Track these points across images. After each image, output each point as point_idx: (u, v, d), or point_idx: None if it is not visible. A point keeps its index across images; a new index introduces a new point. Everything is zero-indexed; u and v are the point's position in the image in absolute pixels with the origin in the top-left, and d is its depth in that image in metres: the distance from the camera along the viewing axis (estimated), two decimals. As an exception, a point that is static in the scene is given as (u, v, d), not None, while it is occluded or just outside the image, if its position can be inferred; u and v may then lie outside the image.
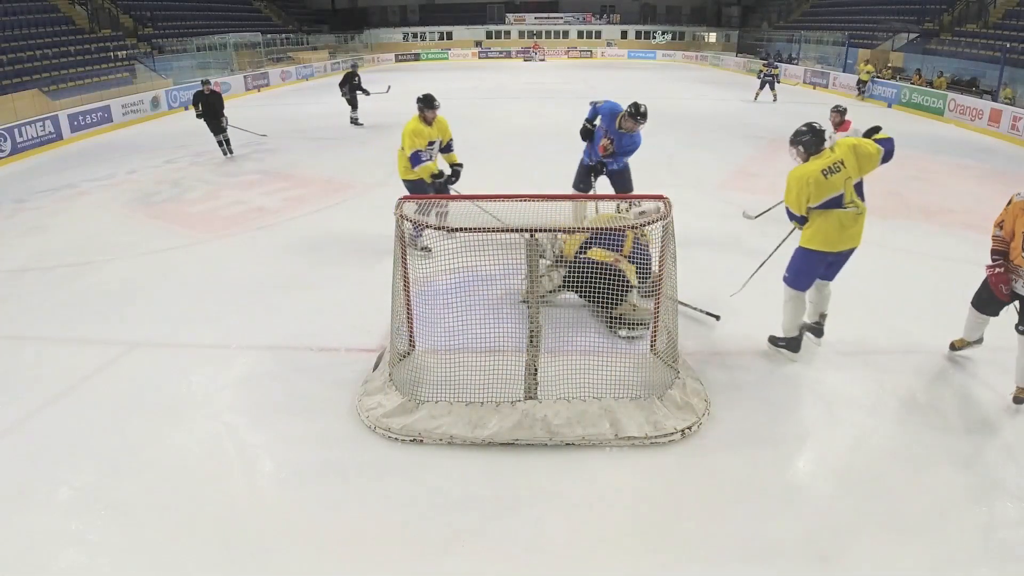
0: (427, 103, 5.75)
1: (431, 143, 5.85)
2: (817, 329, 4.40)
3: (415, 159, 5.72)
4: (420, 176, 5.81)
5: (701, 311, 4.73)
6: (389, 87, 14.37)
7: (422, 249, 4.71)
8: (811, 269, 4.15)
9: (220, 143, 10.87)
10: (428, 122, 5.81)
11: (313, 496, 3.16)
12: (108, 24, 20.42)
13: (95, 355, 4.48)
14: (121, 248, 6.66)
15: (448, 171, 6.00)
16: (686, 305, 4.78)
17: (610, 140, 5.74)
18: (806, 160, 4.03)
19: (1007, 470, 3.32)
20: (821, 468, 3.35)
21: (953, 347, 4.24)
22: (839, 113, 7.05)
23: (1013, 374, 3.86)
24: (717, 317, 4.72)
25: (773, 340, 4.44)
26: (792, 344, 4.34)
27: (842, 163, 3.94)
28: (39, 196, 8.91)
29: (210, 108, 10.52)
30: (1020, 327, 3.67)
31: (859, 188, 4.43)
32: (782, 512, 3.04)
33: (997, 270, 3.77)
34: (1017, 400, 3.77)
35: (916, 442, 3.53)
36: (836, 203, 3.95)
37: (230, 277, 5.87)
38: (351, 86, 13.95)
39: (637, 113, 5.60)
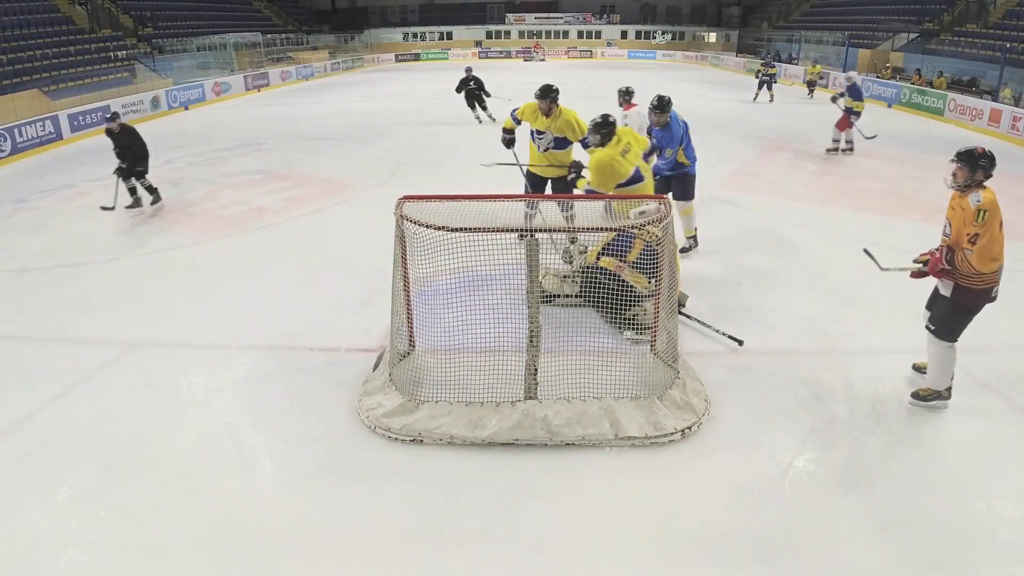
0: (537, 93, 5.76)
1: (539, 132, 5.84)
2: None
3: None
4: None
5: (724, 334, 4.60)
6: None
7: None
8: None
9: (144, 190, 7.79)
10: (543, 112, 5.77)
11: (313, 496, 3.16)
12: (108, 24, 20.42)
13: (95, 355, 4.48)
14: (121, 248, 6.67)
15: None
16: (707, 326, 4.70)
17: (653, 139, 6.01)
18: (602, 146, 4.88)
19: (1007, 470, 3.32)
20: (821, 468, 3.35)
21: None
22: (623, 94, 7.52)
23: (1002, 374, 3.91)
24: (740, 342, 4.48)
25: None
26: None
27: (630, 144, 4.93)
28: (39, 196, 8.91)
29: (129, 150, 7.57)
30: (928, 324, 3.68)
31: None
32: (782, 512, 3.04)
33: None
34: (915, 397, 3.77)
35: (916, 442, 3.53)
36: (637, 179, 4.88)
37: (230, 277, 5.87)
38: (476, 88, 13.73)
39: (657, 105, 5.77)
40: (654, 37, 40.36)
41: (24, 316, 5.17)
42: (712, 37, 39.69)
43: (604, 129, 4.86)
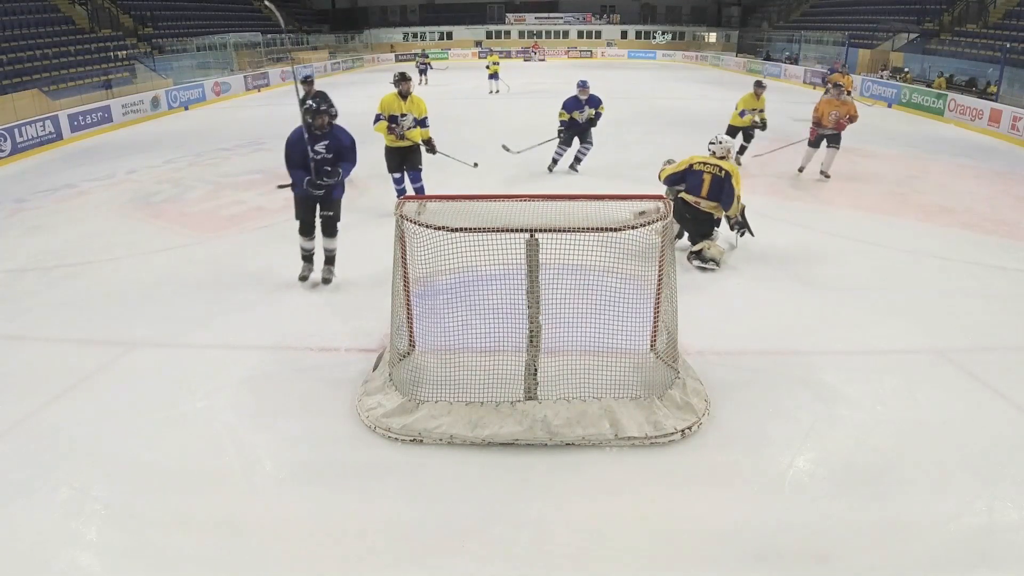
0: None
1: (399, 115, 7.06)
2: None
3: (375, 119, 7.10)
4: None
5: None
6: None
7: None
8: None
9: None
10: (403, 96, 6.98)
11: (313, 496, 3.16)
12: (108, 24, 20.42)
13: (95, 355, 4.48)
14: (121, 248, 6.66)
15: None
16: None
17: None
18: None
19: (1008, 470, 3.32)
20: (821, 468, 3.35)
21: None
22: None
23: (1002, 374, 3.91)
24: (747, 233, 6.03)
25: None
26: None
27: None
28: (39, 196, 8.91)
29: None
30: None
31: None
32: (782, 512, 3.04)
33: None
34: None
35: (915, 442, 3.53)
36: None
37: (230, 277, 5.87)
38: None
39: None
40: (654, 37, 40.38)
41: (24, 316, 5.17)
42: (712, 37, 39.71)
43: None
